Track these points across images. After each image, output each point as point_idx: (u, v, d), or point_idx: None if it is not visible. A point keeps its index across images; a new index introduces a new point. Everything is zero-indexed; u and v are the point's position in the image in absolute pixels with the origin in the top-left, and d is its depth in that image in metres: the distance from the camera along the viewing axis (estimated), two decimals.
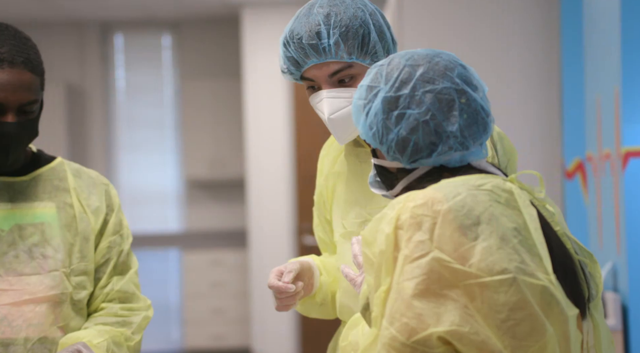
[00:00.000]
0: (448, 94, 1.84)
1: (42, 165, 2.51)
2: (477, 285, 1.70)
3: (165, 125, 9.52)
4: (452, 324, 1.69)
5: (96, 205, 2.53)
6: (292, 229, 8.42)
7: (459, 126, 1.84)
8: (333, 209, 2.49)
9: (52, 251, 2.44)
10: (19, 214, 2.43)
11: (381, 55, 2.32)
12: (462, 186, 1.79)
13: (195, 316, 8.93)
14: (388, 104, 1.85)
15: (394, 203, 1.81)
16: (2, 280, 2.39)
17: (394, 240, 1.76)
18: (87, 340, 2.40)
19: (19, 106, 2.34)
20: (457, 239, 1.72)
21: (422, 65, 1.87)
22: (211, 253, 8.98)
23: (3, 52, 2.33)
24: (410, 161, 1.87)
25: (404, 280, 1.72)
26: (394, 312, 1.72)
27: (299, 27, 2.32)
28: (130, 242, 2.58)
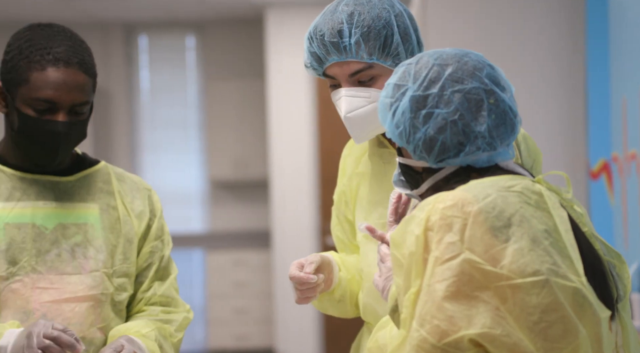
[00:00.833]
0: (477, 94, 1.84)
1: (87, 167, 2.52)
2: (509, 287, 1.69)
3: (189, 126, 9.54)
4: (483, 326, 1.68)
5: (140, 209, 2.54)
6: (315, 229, 8.42)
7: (487, 126, 1.83)
8: (356, 209, 2.49)
9: (94, 252, 2.44)
10: (63, 214, 2.44)
11: (403, 57, 2.31)
12: (492, 187, 1.78)
13: (219, 316, 8.95)
14: (416, 103, 1.85)
15: (423, 204, 1.80)
16: (43, 278, 2.39)
17: (424, 242, 1.75)
18: (136, 330, 2.41)
19: (71, 106, 2.35)
20: (488, 240, 1.72)
21: (451, 64, 1.86)
22: (234, 254, 9.00)
23: (59, 52, 2.35)
24: (437, 161, 1.86)
25: (434, 281, 1.72)
26: (425, 313, 1.72)
27: (322, 23, 2.33)
28: (170, 248, 2.59)
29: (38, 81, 2.33)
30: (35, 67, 2.33)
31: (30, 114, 2.34)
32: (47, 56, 2.34)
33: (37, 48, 2.35)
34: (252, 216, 9.45)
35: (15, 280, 2.37)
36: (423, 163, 1.88)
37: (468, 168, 1.87)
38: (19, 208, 2.41)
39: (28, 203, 2.42)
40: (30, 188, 2.43)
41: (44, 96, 2.32)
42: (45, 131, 2.34)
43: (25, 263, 2.38)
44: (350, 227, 2.53)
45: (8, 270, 2.37)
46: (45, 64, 2.33)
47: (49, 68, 2.33)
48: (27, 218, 2.41)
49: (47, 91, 2.32)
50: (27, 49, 2.35)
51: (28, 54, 2.34)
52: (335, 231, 2.57)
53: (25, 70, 2.34)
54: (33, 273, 2.38)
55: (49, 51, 2.34)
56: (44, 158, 2.39)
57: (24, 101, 2.34)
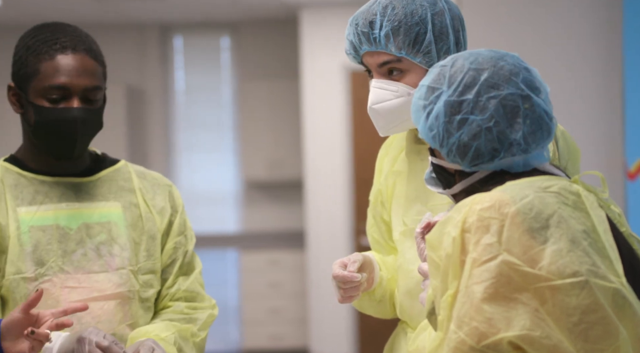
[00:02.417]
0: (513, 100, 1.82)
1: (107, 166, 2.55)
2: (548, 288, 1.68)
3: (223, 126, 9.56)
4: (522, 328, 1.67)
5: (161, 205, 2.56)
6: (349, 229, 8.42)
7: (522, 133, 1.82)
8: (392, 208, 2.48)
9: (119, 250, 2.47)
10: (86, 214, 2.47)
11: (435, 56, 2.30)
12: (529, 188, 1.77)
13: (253, 316, 8.96)
14: (450, 108, 1.84)
15: (460, 206, 1.80)
16: (70, 278, 2.42)
17: (461, 243, 1.75)
18: (155, 333, 2.42)
19: (84, 91, 2.39)
20: (526, 242, 1.71)
21: (487, 69, 1.84)
22: (269, 254, 9.01)
23: (66, 41, 2.40)
24: (471, 165, 1.85)
25: (472, 283, 1.71)
26: (463, 315, 1.71)
27: (360, 13, 2.36)
28: (194, 243, 2.61)
29: (49, 69, 2.38)
30: (44, 57, 2.38)
31: (44, 105, 2.38)
32: (54, 45, 2.39)
33: (43, 41, 2.40)
34: (286, 217, 9.46)
35: (45, 280, 2.40)
36: (457, 165, 1.87)
37: (503, 171, 1.86)
38: (42, 211, 2.44)
39: (51, 205, 2.45)
40: (52, 191, 2.46)
41: (56, 83, 2.37)
42: (61, 119, 2.37)
43: (52, 264, 2.41)
44: (387, 227, 2.52)
45: (36, 271, 2.40)
46: (53, 53, 2.38)
47: (58, 56, 2.38)
48: (50, 220, 2.43)
49: (58, 77, 2.37)
50: (34, 44, 2.41)
51: (35, 48, 2.40)
52: (371, 232, 2.57)
53: (34, 63, 2.39)
54: (61, 273, 2.41)
55: (56, 41, 2.40)
56: (64, 148, 2.41)
57: (38, 92, 2.39)
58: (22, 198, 2.44)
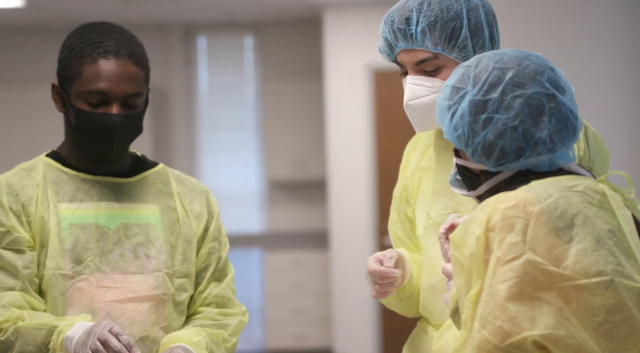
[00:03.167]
0: (538, 99, 1.81)
1: (147, 169, 2.56)
2: (573, 288, 1.67)
3: (247, 126, 9.58)
4: (547, 327, 1.67)
5: (198, 211, 2.56)
6: (373, 229, 8.41)
7: (548, 132, 1.81)
8: (417, 204, 2.47)
9: (156, 252, 2.47)
10: (125, 214, 2.47)
11: (470, 51, 2.31)
12: (554, 187, 1.77)
13: (277, 316, 8.97)
14: (475, 107, 1.83)
15: (484, 205, 1.79)
16: (107, 277, 2.42)
17: (485, 242, 1.74)
18: (187, 338, 2.42)
19: (124, 97, 2.39)
20: (550, 241, 1.70)
21: (512, 68, 1.84)
22: (292, 254, 9.02)
23: (109, 45, 2.40)
24: (497, 165, 1.84)
25: (496, 282, 1.70)
26: (487, 314, 1.70)
27: (395, 10, 2.36)
28: (227, 249, 2.61)
29: (90, 74, 2.38)
30: (87, 60, 2.39)
31: (84, 109, 2.39)
32: (97, 49, 2.39)
33: (88, 43, 2.41)
34: (310, 217, 9.46)
35: (81, 278, 2.40)
36: (481, 166, 1.86)
37: (528, 170, 1.85)
38: (82, 209, 2.45)
39: (91, 203, 2.46)
40: (92, 189, 2.47)
41: (96, 88, 2.38)
42: (99, 124, 2.38)
43: (90, 262, 2.41)
44: (410, 224, 2.51)
45: (74, 268, 2.40)
46: (96, 57, 2.39)
47: (100, 60, 2.39)
48: (90, 219, 2.44)
49: (99, 82, 2.38)
50: (79, 45, 2.41)
51: (79, 50, 2.41)
52: (394, 229, 2.55)
53: (77, 65, 2.40)
54: (98, 272, 2.41)
55: (99, 45, 2.40)
56: (101, 152, 2.42)
57: (78, 95, 2.40)
58: (63, 194, 2.45)
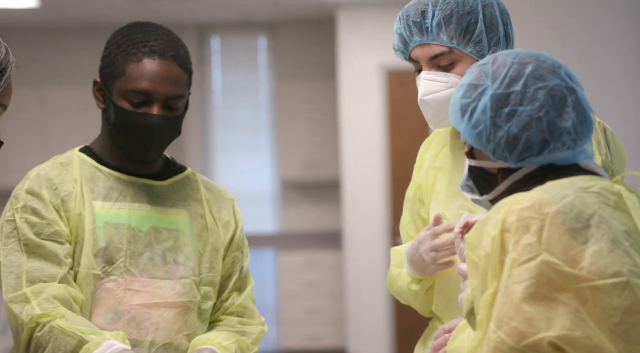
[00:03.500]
0: (560, 91, 1.82)
1: (177, 172, 2.54)
2: (589, 289, 1.67)
3: (260, 126, 9.59)
4: (563, 328, 1.66)
5: (226, 219, 2.55)
6: (386, 229, 8.41)
7: (572, 122, 1.81)
8: (431, 204, 2.47)
9: (184, 259, 2.45)
10: (156, 217, 2.45)
11: (485, 46, 2.31)
12: (569, 187, 1.76)
13: (291, 316, 8.97)
14: (497, 101, 1.83)
15: (499, 205, 1.78)
16: (135, 280, 2.40)
17: (501, 243, 1.74)
18: (217, 341, 2.41)
19: (166, 98, 2.38)
20: (566, 242, 1.70)
21: (531, 63, 1.84)
22: (306, 254, 9.02)
23: (155, 45, 2.39)
24: (519, 160, 1.83)
25: (512, 283, 1.70)
26: (502, 315, 1.70)
27: (411, 5, 2.37)
28: (249, 259, 2.60)
29: (134, 73, 2.37)
30: (132, 59, 2.37)
31: (126, 107, 2.37)
32: (143, 48, 2.38)
33: (133, 42, 2.39)
34: (323, 217, 9.47)
35: (110, 279, 2.38)
36: (501, 163, 1.85)
37: (546, 168, 1.84)
38: (116, 208, 2.42)
39: (124, 203, 2.43)
40: (126, 189, 2.45)
41: (139, 88, 2.36)
42: (140, 124, 2.37)
43: (120, 264, 2.39)
44: (424, 224, 2.51)
45: (104, 268, 2.38)
46: (141, 56, 2.37)
47: (145, 60, 2.37)
48: (123, 219, 2.42)
49: (142, 82, 2.36)
50: (125, 43, 2.40)
51: (125, 47, 2.39)
52: (406, 229, 2.54)
53: (122, 63, 2.38)
54: (127, 274, 2.39)
55: (145, 44, 2.38)
56: (139, 152, 2.41)
57: (120, 93, 2.38)
58: (98, 191, 2.42)
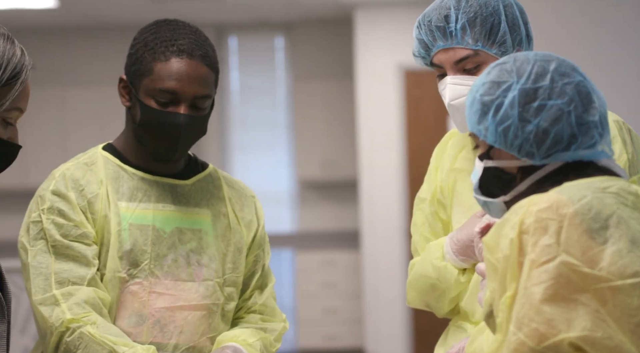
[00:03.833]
0: (585, 87, 1.83)
1: (200, 170, 2.53)
2: (609, 289, 1.67)
3: (278, 126, 9.60)
4: (584, 329, 1.66)
5: (249, 218, 2.53)
6: (404, 229, 8.40)
7: (599, 117, 1.82)
8: (454, 206, 2.46)
9: (207, 260, 2.43)
10: (180, 218, 2.43)
11: (510, 46, 2.32)
12: (587, 188, 1.76)
13: (309, 316, 8.98)
14: (526, 96, 1.82)
15: (516, 207, 1.78)
16: (159, 283, 2.39)
17: (519, 245, 1.73)
18: (242, 338, 2.41)
19: (193, 98, 2.36)
20: (585, 243, 1.70)
21: (553, 60, 1.85)
22: (323, 254, 9.02)
23: (183, 44, 2.37)
24: (545, 156, 1.83)
25: (531, 285, 1.70)
26: (522, 317, 1.70)
27: (431, 10, 2.36)
28: (269, 257, 2.58)
29: (162, 72, 2.35)
30: (160, 58, 2.36)
31: (152, 106, 2.36)
32: (171, 47, 2.36)
33: (162, 40, 2.38)
34: (341, 216, 9.47)
35: (135, 282, 2.37)
36: (524, 161, 1.85)
37: (567, 167, 1.84)
38: (140, 209, 2.41)
39: (149, 204, 2.42)
40: (150, 190, 2.43)
41: (166, 87, 2.34)
42: (166, 123, 2.35)
43: (145, 266, 2.37)
44: (443, 226, 2.50)
45: (129, 271, 2.36)
46: (169, 55, 2.36)
47: (173, 59, 2.36)
48: (148, 220, 2.40)
49: (170, 81, 2.34)
50: (152, 41, 2.38)
51: (153, 46, 2.37)
52: (420, 230, 2.52)
53: (149, 61, 2.36)
54: (151, 276, 2.38)
55: (173, 43, 2.37)
56: (164, 151, 2.39)
57: (147, 92, 2.36)
58: (122, 192, 2.40)
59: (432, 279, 2.43)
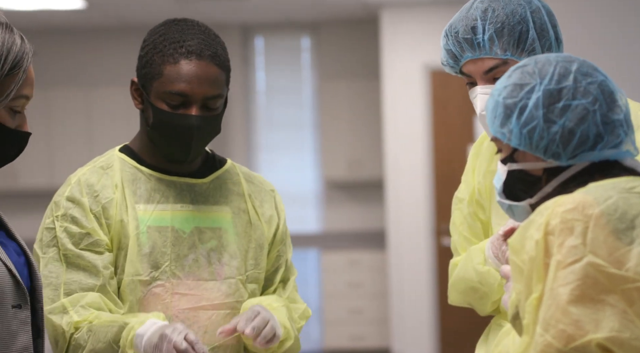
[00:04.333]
0: (607, 86, 1.82)
1: (218, 167, 2.52)
2: (636, 290, 1.66)
3: (304, 126, 9.60)
4: (612, 330, 1.65)
5: (269, 214, 2.52)
6: (430, 229, 8.39)
7: (624, 115, 1.81)
8: (492, 207, 2.45)
9: (228, 258, 2.43)
10: (199, 217, 2.43)
11: (539, 53, 2.29)
12: (612, 189, 1.75)
13: (334, 316, 8.98)
14: (550, 96, 1.82)
15: (542, 208, 1.78)
16: (181, 283, 2.38)
17: (545, 246, 1.73)
18: (267, 303, 2.41)
19: (204, 99, 2.35)
20: (611, 243, 1.69)
21: (575, 61, 1.84)
22: (349, 254, 9.02)
23: (192, 45, 2.36)
24: (571, 156, 1.82)
25: (558, 286, 1.69)
26: (549, 318, 1.69)
27: (458, 21, 2.34)
28: (292, 250, 2.58)
29: (171, 74, 2.34)
30: (169, 60, 2.35)
31: (164, 109, 2.35)
32: (180, 49, 2.35)
33: (170, 42, 2.37)
34: (366, 217, 9.46)
35: (157, 284, 2.36)
36: (550, 162, 1.84)
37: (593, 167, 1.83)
38: (158, 211, 2.41)
39: (167, 205, 2.41)
40: (168, 190, 2.42)
41: (176, 89, 2.33)
42: (178, 125, 2.34)
43: (166, 268, 2.37)
44: (483, 226, 2.49)
45: (151, 274, 2.36)
46: (178, 57, 2.34)
47: (182, 61, 2.34)
48: (167, 222, 2.40)
49: (180, 84, 2.33)
50: (161, 43, 2.37)
51: (162, 48, 2.36)
52: (460, 230, 2.51)
53: (159, 64, 2.35)
54: (173, 277, 2.37)
55: (182, 45, 2.35)
56: (178, 153, 2.38)
57: (158, 95, 2.35)
58: (140, 194, 2.40)
59: (474, 282, 2.43)
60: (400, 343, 8.43)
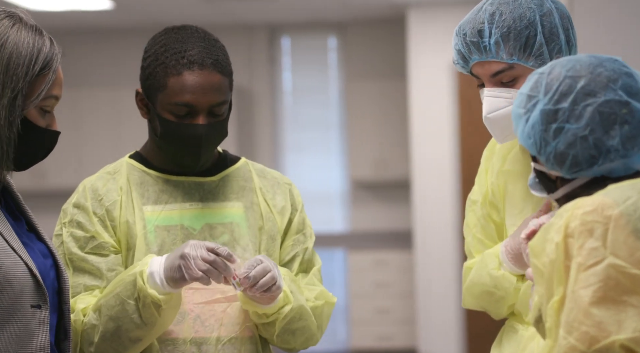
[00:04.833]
0: (609, 107, 1.80)
1: (229, 166, 2.54)
2: None
3: (330, 126, 9.61)
4: (635, 331, 1.66)
5: (282, 205, 2.54)
6: (456, 229, 8.38)
7: (619, 139, 1.80)
8: (506, 208, 2.46)
9: (241, 251, 2.45)
10: (209, 214, 2.46)
11: (547, 58, 2.28)
12: (631, 189, 1.76)
13: (361, 316, 8.98)
14: (546, 116, 1.83)
15: (562, 211, 1.78)
16: None
17: (565, 249, 1.73)
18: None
19: (209, 107, 2.38)
20: (632, 244, 1.69)
21: (584, 76, 1.82)
22: (376, 254, 9.02)
23: (193, 55, 2.37)
24: (570, 173, 1.84)
25: (579, 288, 1.70)
26: (572, 320, 1.69)
27: (466, 22, 2.34)
28: (313, 241, 2.58)
29: (175, 86, 2.36)
30: (172, 72, 2.36)
31: (170, 120, 2.38)
32: (182, 59, 2.37)
33: (172, 53, 2.38)
34: (393, 216, 9.46)
35: None
36: (557, 172, 1.86)
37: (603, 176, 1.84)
38: (167, 211, 2.45)
39: (175, 205, 2.45)
40: (176, 190, 2.46)
41: (182, 101, 2.36)
42: (186, 135, 2.37)
43: None
44: (496, 228, 2.49)
45: None
46: (180, 69, 2.36)
47: (185, 72, 2.36)
48: (175, 220, 2.44)
49: (185, 95, 2.36)
50: (163, 54, 2.39)
51: (164, 59, 2.38)
52: (473, 232, 2.51)
53: (162, 76, 2.38)
54: None
55: (184, 55, 2.37)
56: (188, 162, 2.42)
57: (164, 106, 2.38)
58: (148, 196, 2.45)
59: (489, 287, 2.43)
60: (427, 344, 8.42)
